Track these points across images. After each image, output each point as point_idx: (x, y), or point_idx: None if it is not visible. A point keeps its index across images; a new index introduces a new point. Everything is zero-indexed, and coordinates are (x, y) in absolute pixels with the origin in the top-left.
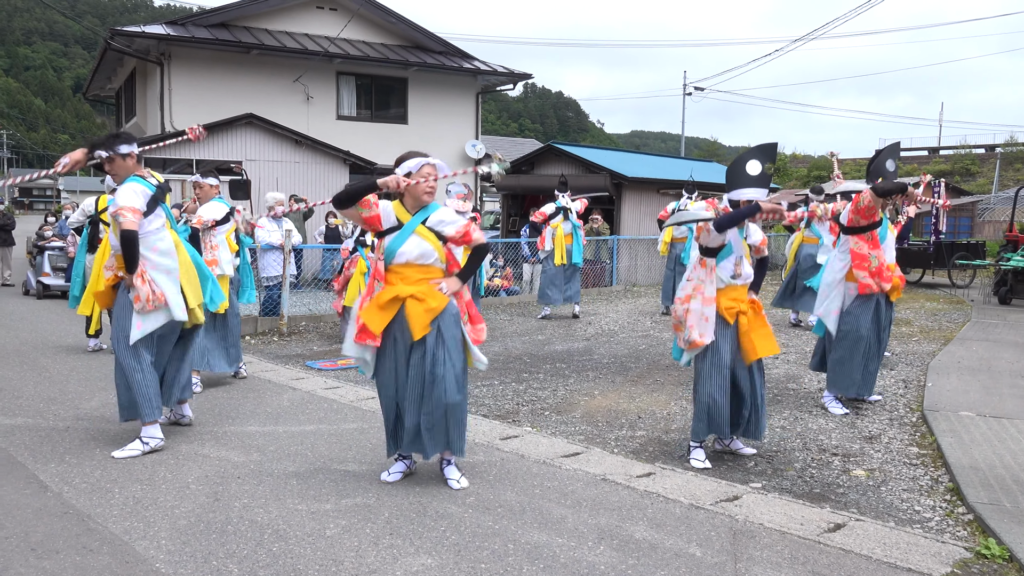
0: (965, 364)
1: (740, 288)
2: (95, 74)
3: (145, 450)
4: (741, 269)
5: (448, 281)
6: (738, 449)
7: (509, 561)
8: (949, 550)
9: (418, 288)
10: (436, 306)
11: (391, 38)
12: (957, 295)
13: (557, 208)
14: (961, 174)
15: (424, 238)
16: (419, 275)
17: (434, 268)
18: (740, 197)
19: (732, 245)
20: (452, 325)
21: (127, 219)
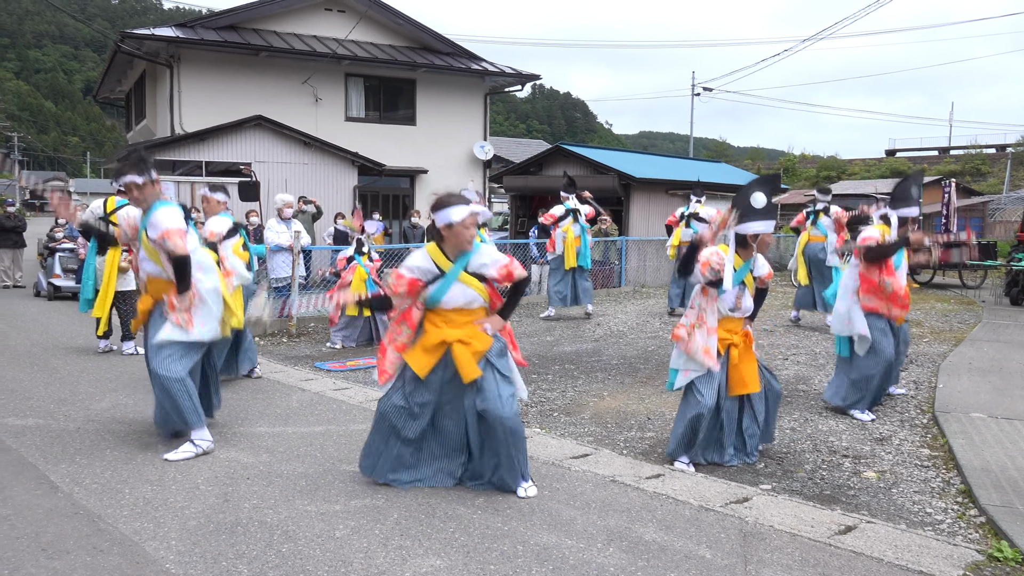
0: (976, 365)
1: (737, 320)
2: (105, 77)
3: (198, 452)
4: (742, 303)
5: (491, 321)
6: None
7: (518, 563)
8: (961, 553)
9: (463, 332)
10: (482, 348)
11: (399, 39)
12: (968, 296)
13: (567, 210)
14: (972, 174)
15: (468, 284)
16: (464, 318)
17: (479, 310)
18: (747, 231)
19: (736, 278)
20: (499, 358)
21: (179, 245)
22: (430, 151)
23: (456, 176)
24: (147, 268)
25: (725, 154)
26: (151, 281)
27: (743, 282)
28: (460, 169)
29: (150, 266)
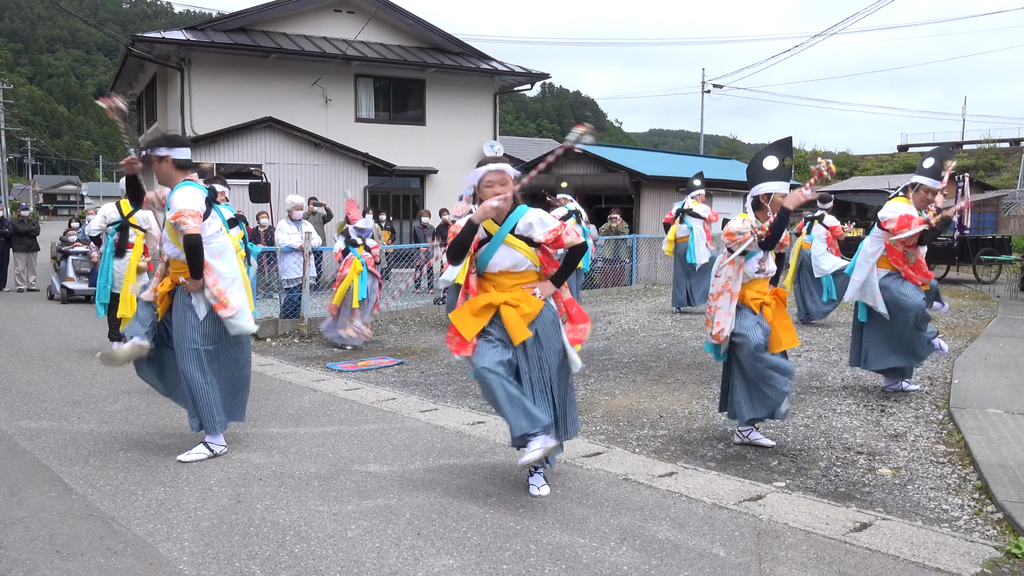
0: (992, 361)
1: (763, 281)
2: (117, 80)
3: (210, 455)
4: (766, 265)
5: (542, 285)
6: (757, 440)
7: (531, 562)
8: (978, 549)
9: (511, 294)
10: (531, 311)
11: (408, 40)
12: (982, 291)
13: (568, 212)
14: (985, 169)
15: (514, 247)
16: (513, 282)
17: (529, 273)
18: (760, 191)
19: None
20: (551, 328)
21: (189, 225)
22: (440, 151)
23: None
24: (167, 250)
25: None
26: (172, 263)
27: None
28: (470, 168)
29: (169, 248)
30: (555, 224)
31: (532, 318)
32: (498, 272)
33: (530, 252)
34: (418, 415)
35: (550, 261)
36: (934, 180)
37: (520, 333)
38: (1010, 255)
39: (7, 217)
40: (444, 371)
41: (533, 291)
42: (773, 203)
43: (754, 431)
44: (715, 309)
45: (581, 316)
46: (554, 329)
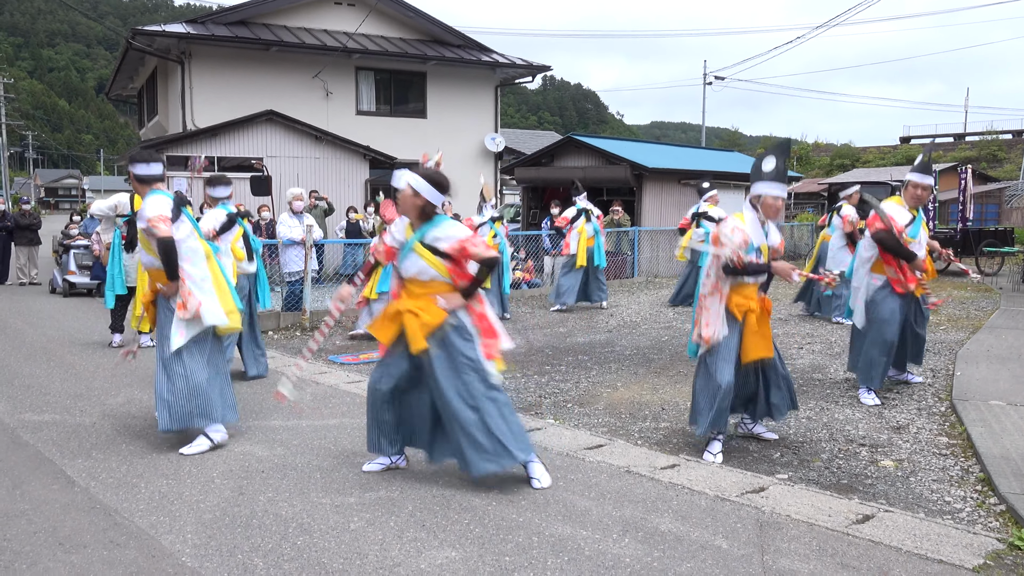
0: (994, 352)
1: (752, 286)
2: (117, 74)
3: (212, 445)
4: None
5: (448, 296)
6: (761, 434)
7: (533, 554)
8: (981, 541)
9: (416, 303)
10: (430, 321)
11: (409, 32)
12: (985, 283)
13: (578, 211)
14: (988, 160)
15: (420, 256)
16: (421, 290)
17: (437, 283)
18: (755, 191)
19: (752, 246)
20: (456, 340)
21: (161, 228)
22: (441, 144)
23: (467, 168)
24: (143, 260)
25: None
26: (151, 272)
27: (758, 249)
28: (471, 161)
29: (146, 257)
30: (463, 235)
31: (432, 328)
32: (408, 279)
33: (436, 262)
34: None
35: (462, 273)
36: (923, 175)
37: (416, 342)
38: (1012, 247)
39: (9, 211)
40: None
41: (438, 301)
42: (763, 206)
43: (758, 424)
44: (705, 310)
45: (490, 331)
46: (461, 342)
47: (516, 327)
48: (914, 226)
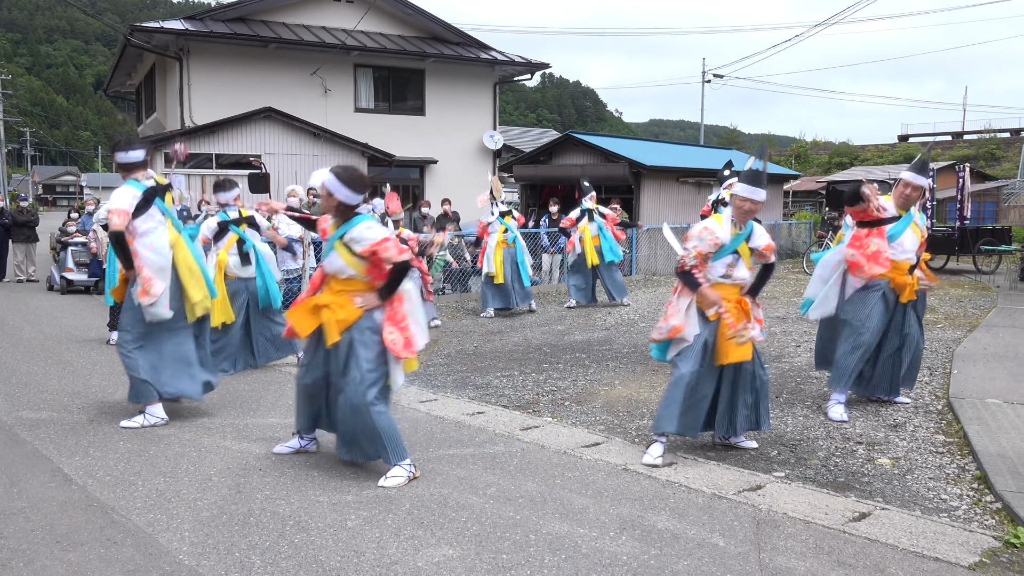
0: (991, 351)
1: (728, 287)
2: (115, 70)
3: (145, 424)
4: (734, 271)
5: (365, 296)
6: (738, 443)
7: (530, 552)
8: (977, 539)
9: (335, 298)
10: (345, 317)
11: (408, 30)
12: (982, 281)
13: (582, 211)
14: (986, 159)
15: (339, 254)
16: (340, 287)
17: (356, 282)
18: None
19: (728, 247)
20: (368, 339)
21: (113, 221)
22: (440, 141)
23: (466, 165)
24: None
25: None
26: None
27: (736, 251)
28: (470, 159)
29: None
30: (376, 238)
31: (347, 325)
32: (330, 274)
33: (353, 262)
34: (418, 405)
35: (379, 273)
36: (917, 175)
37: (330, 335)
38: (1010, 245)
39: (6, 208)
40: (444, 361)
41: (355, 300)
42: (733, 205)
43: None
44: (671, 304)
45: (405, 330)
46: (372, 341)
47: (514, 324)
48: (896, 226)
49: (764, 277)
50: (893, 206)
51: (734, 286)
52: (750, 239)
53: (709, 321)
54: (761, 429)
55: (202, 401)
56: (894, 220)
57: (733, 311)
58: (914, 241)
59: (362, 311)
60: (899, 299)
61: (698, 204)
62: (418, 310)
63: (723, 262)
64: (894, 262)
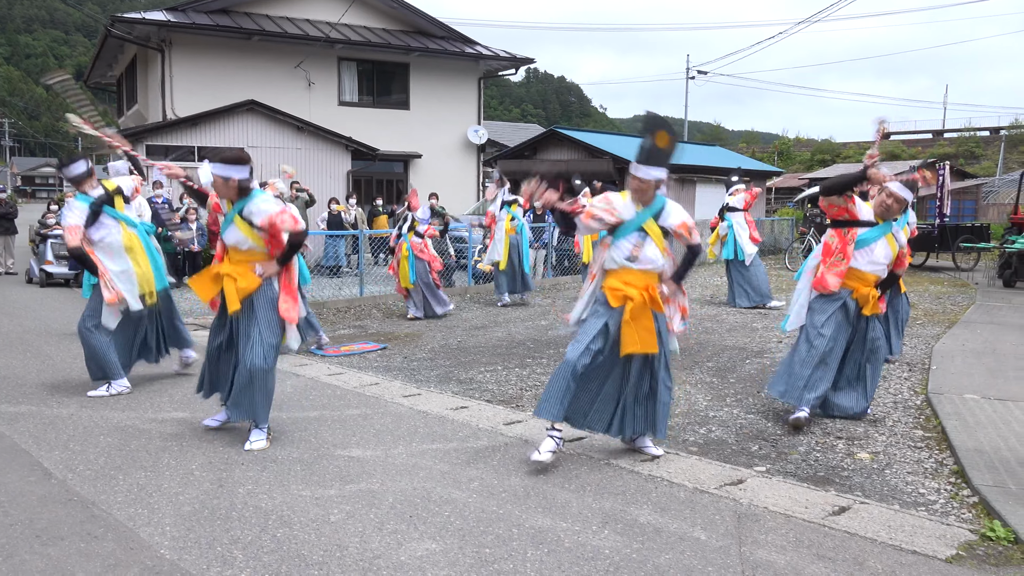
0: (970, 347)
1: (636, 273)
2: (96, 62)
3: (111, 392)
4: (640, 252)
5: (264, 264)
6: (643, 447)
7: (513, 545)
8: (954, 532)
9: (236, 268)
10: (246, 286)
11: (392, 23)
12: (961, 278)
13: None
14: (966, 157)
15: (238, 227)
16: (241, 257)
17: (255, 252)
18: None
19: (630, 224)
20: (265, 304)
21: (68, 238)
22: (424, 135)
23: (450, 160)
24: None
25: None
26: None
27: (642, 229)
28: (454, 153)
29: None
30: (273, 210)
31: (247, 293)
32: (230, 246)
33: (252, 234)
34: (401, 400)
35: (277, 244)
36: (903, 188)
37: (231, 304)
38: (989, 242)
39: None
40: (427, 356)
41: (256, 269)
42: (629, 183)
43: (642, 437)
44: (583, 292)
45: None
46: (270, 308)
47: (497, 319)
48: (870, 232)
49: (688, 261)
50: (871, 212)
51: (643, 272)
52: (659, 217)
53: (612, 308)
54: (656, 436)
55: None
56: (869, 225)
57: (638, 299)
58: (887, 253)
59: (261, 280)
60: (861, 311)
61: (681, 199)
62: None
63: (629, 240)
64: (857, 272)
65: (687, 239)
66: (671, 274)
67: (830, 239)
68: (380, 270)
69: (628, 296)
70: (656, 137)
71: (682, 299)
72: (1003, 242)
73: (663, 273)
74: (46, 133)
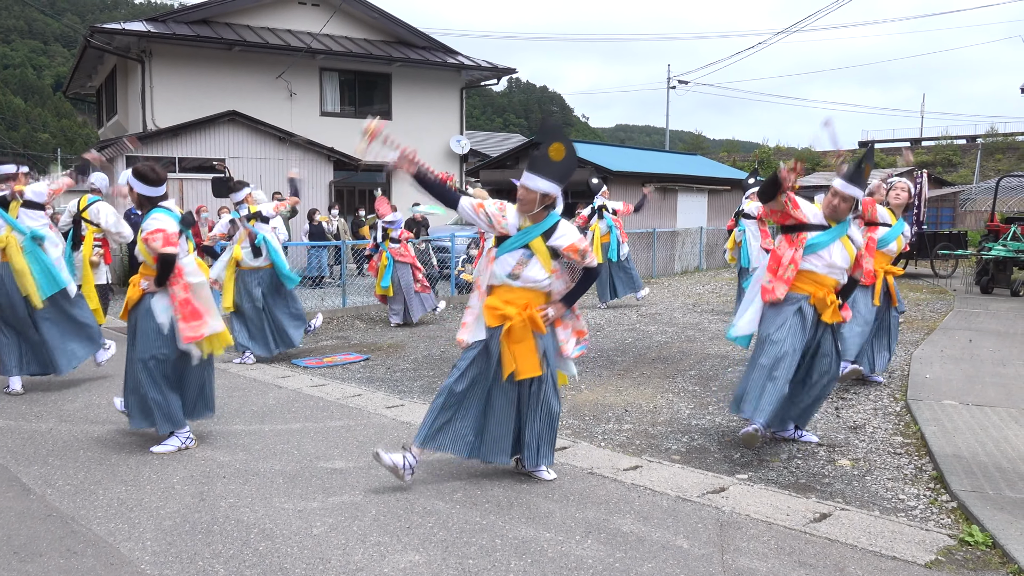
0: (948, 353)
1: (517, 291)
2: (75, 72)
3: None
4: (523, 271)
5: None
6: (536, 472)
7: (497, 556)
8: (933, 538)
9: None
10: (129, 297)
11: (374, 33)
12: (940, 285)
13: (592, 209)
14: (943, 165)
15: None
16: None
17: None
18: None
19: (516, 239)
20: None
21: None
22: (406, 145)
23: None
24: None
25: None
26: None
27: (528, 247)
28: (437, 163)
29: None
30: (149, 228)
31: (131, 303)
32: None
33: (142, 248)
34: (384, 411)
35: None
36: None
37: (123, 313)
38: (966, 249)
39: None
40: (410, 367)
41: (141, 282)
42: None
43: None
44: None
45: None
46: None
47: None
48: (821, 235)
49: (582, 284)
50: (820, 215)
51: (525, 289)
52: (549, 236)
53: (490, 328)
54: (543, 462)
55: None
56: (820, 229)
57: (516, 319)
58: (844, 257)
59: (143, 292)
60: (820, 317)
61: (664, 208)
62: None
63: (512, 256)
64: (813, 275)
65: (579, 262)
66: (563, 295)
67: (779, 247)
68: (363, 281)
69: (506, 315)
70: (550, 147)
71: (577, 322)
72: (980, 249)
73: (552, 293)
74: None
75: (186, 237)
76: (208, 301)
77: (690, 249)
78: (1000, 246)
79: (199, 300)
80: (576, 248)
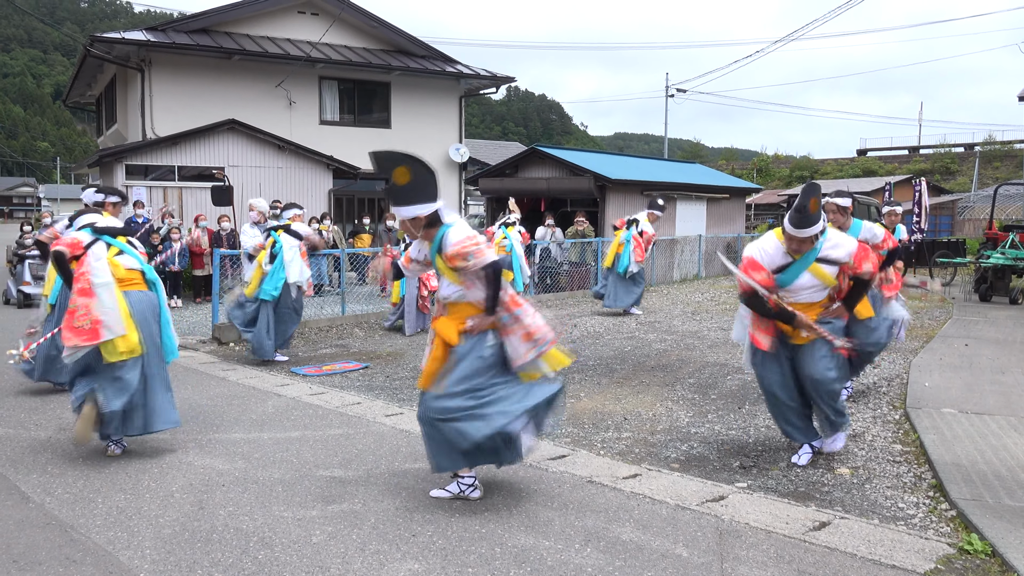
0: (947, 361)
1: (452, 307)
2: (75, 81)
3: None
4: (440, 288)
5: None
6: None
7: (496, 565)
8: (933, 546)
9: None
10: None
11: (373, 42)
12: (938, 293)
13: (630, 221)
14: (941, 173)
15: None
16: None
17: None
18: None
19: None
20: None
21: None
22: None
23: None
24: None
25: (700, 155)
26: None
27: (434, 264)
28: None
29: None
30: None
31: None
32: None
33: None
34: (383, 419)
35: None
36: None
37: None
38: (965, 257)
39: None
40: (409, 375)
41: None
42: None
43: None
44: None
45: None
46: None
47: None
48: (787, 273)
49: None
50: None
51: (459, 304)
52: (441, 250)
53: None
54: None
55: None
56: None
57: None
58: (813, 281)
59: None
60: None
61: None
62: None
63: (435, 278)
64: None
65: (469, 268)
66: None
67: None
68: (362, 289)
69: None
70: (393, 175)
71: (521, 324)
72: (979, 257)
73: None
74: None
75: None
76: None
77: (689, 257)
78: (999, 254)
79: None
80: (456, 255)
